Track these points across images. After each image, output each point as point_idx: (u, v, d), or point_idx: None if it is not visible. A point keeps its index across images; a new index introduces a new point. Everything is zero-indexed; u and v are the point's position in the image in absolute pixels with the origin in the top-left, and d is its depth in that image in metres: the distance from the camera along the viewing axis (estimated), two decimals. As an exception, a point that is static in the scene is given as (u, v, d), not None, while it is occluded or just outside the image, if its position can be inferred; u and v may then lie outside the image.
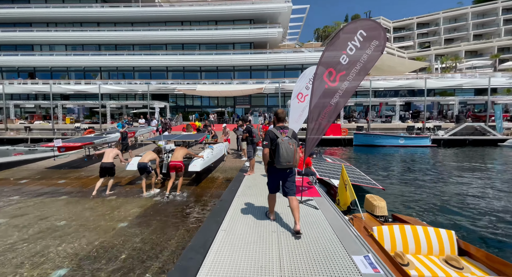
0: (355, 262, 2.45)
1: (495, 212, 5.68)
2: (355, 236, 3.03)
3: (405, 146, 20.23)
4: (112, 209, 4.64)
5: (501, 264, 2.57)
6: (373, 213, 4.12)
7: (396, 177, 9.44)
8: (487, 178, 9.02)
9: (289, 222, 3.44)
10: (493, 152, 16.41)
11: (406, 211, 5.91)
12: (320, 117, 4.65)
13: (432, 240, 3.07)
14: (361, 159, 14.37)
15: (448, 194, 7.06)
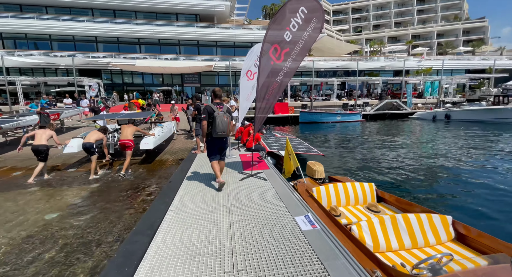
0: (297, 222, 2.72)
1: (405, 166, 7.05)
2: (298, 200, 3.35)
3: (341, 121, 22.68)
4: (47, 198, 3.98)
5: (407, 204, 3.27)
6: (313, 176, 4.61)
7: (333, 147, 10.65)
8: (401, 142, 11.02)
9: (239, 196, 3.55)
10: (405, 123, 19.94)
11: (340, 172, 6.84)
12: (267, 94, 4.73)
13: (358, 193, 3.67)
14: (306, 135, 15.57)
15: (372, 157, 8.39)
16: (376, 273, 1.90)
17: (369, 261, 2.10)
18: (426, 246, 2.55)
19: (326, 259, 2.05)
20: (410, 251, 2.50)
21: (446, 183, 5.78)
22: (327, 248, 2.20)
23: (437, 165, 7.23)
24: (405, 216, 2.64)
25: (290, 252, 2.16)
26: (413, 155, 8.77)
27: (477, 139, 11.63)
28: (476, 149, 9.29)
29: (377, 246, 2.49)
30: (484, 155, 8.29)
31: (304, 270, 1.92)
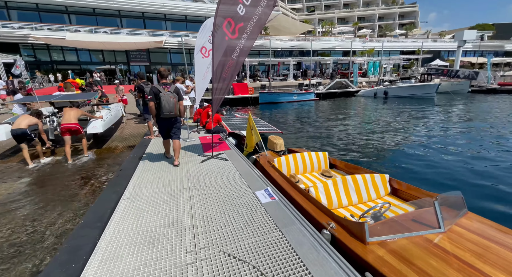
0: (257, 196, 2.81)
1: (352, 137, 7.84)
2: (258, 176, 3.44)
3: (298, 100, 23.59)
4: None
5: (354, 168, 3.69)
6: (274, 149, 4.82)
7: (291, 124, 11.14)
8: (348, 118, 12.11)
9: (200, 178, 3.47)
10: (352, 100, 21.84)
11: (298, 145, 7.26)
12: (224, 73, 4.53)
13: (314, 161, 4.00)
14: (266, 115, 15.82)
15: (325, 131, 9.09)
16: (331, 225, 2.17)
17: (325, 216, 2.35)
18: (369, 200, 2.97)
19: (283, 226, 2.20)
20: (357, 206, 2.89)
21: (384, 149, 6.67)
22: (285, 216, 2.35)
23: (378, 135, 8.24)
24: (353, 177, 3.01)
25: (251, 224, 2.23)
26: (358, 127, 9.78)
27: (407, 111, 13.53)
28: (406, 119, 10.84)
29: (330, 204, 2.81)
30: (412, 124, 9.75)
31: (264, 238, 2.03)
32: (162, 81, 3.82)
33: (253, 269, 1.69)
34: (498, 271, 1.52)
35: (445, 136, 7.66)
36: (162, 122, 3.88)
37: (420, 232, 1.96)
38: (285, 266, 1.71)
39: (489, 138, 7.29)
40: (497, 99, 17.69)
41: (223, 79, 4.51)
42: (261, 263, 1.74)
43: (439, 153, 6.09)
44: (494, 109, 13.06)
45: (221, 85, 4.52)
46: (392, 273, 1.60)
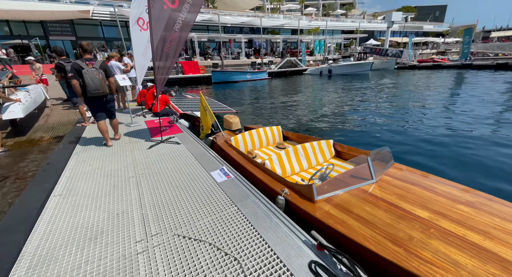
0: (212, 176, 2.76)
1: (303, 112, 8.29)
2: (213, 157, 3.36)
3: (251, 80, 23.39)
4: None
5: (304, 138, 3.94)
6: (231, 128, 4.76)
7: (246, 104, 11.09)
8: (299, 94, 12.67)
9: (148, 165, 3.20)
10: (300, 78, 22.78)
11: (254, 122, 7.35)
12: (166, 47, 4.07)
13: (269, 135, 4.13)
14: (221, 94, 15.28)
15: (278, 108, 9.36)
16: (285, 191, 2.30)
17: (279, 184, 2.49)
18: (317, 164, 3.25)
19: (239, 200, 2.23)
20: (307, 171, 3.13)
21: (330, 119, 7.28)
22: (240, 192, 2.38)
23: (325, 108, 8.90)
24: (302, 145, 3.22)
25: (206, 204, 2.20)
26: (308, 103, 10.37)
27: (348, 86, 14.87)
28: (347, 94, 11.93)
29: (284, 172, 2.98)
30: (352, 98, 10.80)
31: (220, 215, 2.02)
32: (85, 57, 3.45)
33: (209, 246, 1.68)
34: (415, 206, 1.87)
35: (378, 107, 8.75)
36: (91, 102, 3.57)
37: (357, 185, 2.25)
38: (240, 237, 1.75)
39: (411, 106, 8.64)
40: (417, 74, 20.83)
41: (165, 56, 4.07)
42: (217, 239, 1.74)
43: (373, 119, 6.97)
44: (414, 83, 15.38)
45: (164, 64, 4.08)
46: (336, 223, 1.81)
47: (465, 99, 9.36)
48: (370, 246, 1.56)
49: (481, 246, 1.44)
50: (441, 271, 1.32)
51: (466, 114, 7.02)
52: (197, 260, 1.55)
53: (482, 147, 4.65)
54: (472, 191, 2.02)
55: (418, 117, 7.08)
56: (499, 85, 12.67)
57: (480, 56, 28.27)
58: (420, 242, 1.52)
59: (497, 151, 4.46)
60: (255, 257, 1.56)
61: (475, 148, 4.63)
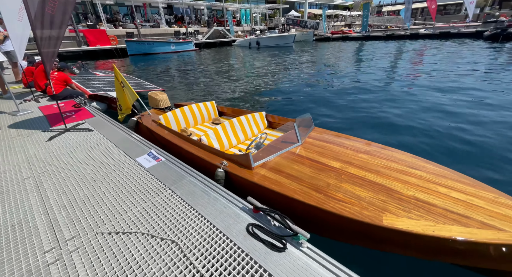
0: (139, 163, 2.47)
1: (237, 85, 8.17)
2: (139, 140, 2.97)
3: (176, 51, 21.03)
4: None
5: (240, 112, 3.94)
6: (159, 107, 4.26)
7: (174, 79, 10.05)
8: (230, 67, 12.29)
9: (50, 161, 2.57)
10: (230, 50, 22.00)
11: (184, 99, 6.82)
12: (48, 8, 3.05)
13: (203, 112, 3.93)
14: (140, 69, 13.21)
15: (211, 83, 8.90)
16: (223, 163, 2.31)
17: (218, 157, 2.46)
18: (253, 136, 3.36)
19: (173, 183, 2.10)
20: (244, 143, 3.21)
21: (263, 92, 7.48)
22: (174, 174, 2.23)
23: (257, 81, 9.02)
24: (238, 119, 3.23)
25: (135, 194, 1.97)
26: (240, 76, 10.24)
27: (276, 58, 15.38)
28: (276, 66, 12.38)
29: (222, 146, 2.97)
30: (281, 69, 11.30)
31: (152, 202, 1.86)
32: None
33: (142, 235, 1.55)
34: (330, 159, 2.23)
35: (301, 78, 9.49)
36: None
37: (287, 149, 2.49)
38: (177, 219, 1.68)
39: (328, 73, 9.73)
40: (331, 45, 23.25)
41: (50, 21, 3.09)
42: (151, 227, 1.62)
43: (299, 89, 7.56)
44: (331, 52, 17.21)
45: (50, 32, 3.11)
46: (271, 183, 1.99)
47: (368, 68, 11.18)
48: (298, 197, 1.80)
49: (374, 182, 1.86)
50: (349, 205, 1.66)
51: (367, 82, 8.46)
52: (129, 254, 1.42)
53: (373, 105, 5.78)
54: (371, 143, 2.52)
55: (336, 86, 8.10)
56: (385, 52, 15.63)
57: (375, 28, 33.66)
58: (335, 187, 1.85)
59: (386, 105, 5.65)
60: (194, 234, 1.55)
61: (368, 107, 5.72)
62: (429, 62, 10.96)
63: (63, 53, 17.32)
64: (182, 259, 1.37)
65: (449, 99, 5.77)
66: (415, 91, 6.66)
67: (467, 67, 9.33)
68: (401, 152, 2.31)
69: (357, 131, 4.40)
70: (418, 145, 3.78)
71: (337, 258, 1.35)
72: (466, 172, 2.04)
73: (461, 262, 1.43)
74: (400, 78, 8.40)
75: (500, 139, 3.82)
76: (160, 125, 3.37)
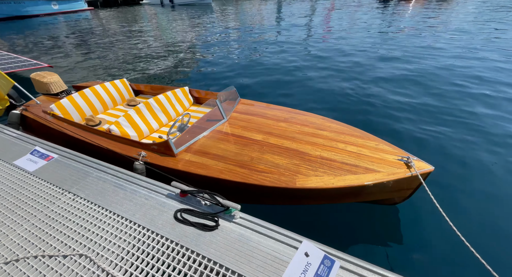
0: (20, 167, 1.82)
1: (154, 54, 6.91)
2: (17, 136, 2.18)
3: (60, 11, 15.88)
4: None
5: (160, 89, 3.31)
6: (50, 92, 3.17)
7: (65, 52, 7.67)
8: (143, 32, 10.17)
9: None
10: (140, 9, 18.08)
11: (86, 78, 5.39)
12: None
13: (113, 93, 3.14)
14: (12, 40, 9.44)
15: (120, 53, 7.20)
16: (141, 154, 1.96)
17: (133, 148, 2.07)
18: (178, 116, 2.92)
19: (74, 184, 1.65)
20: (168, 125, 2.77)
21: (185, 61, 6.59)
22: (74, 172, 1.75)
23: (177, 48, 7.83)
24: (156, 98, 2.70)
25: (18, 209, 1.46)
26: (158, 42, 8.66)
27: (195, 18, 13.58)
28: (198, 27, 10.98)
29: (141, 134, 2.48)
30: (203, 31, 10.10)
31: (47, 213, 1.42)
32: None
33: (35, 259, 1.18)
34: (254, 133, 2.17)
35: (226, 41, 8.78)
36: None
37: (212, 127, 2.27)
38: (84, 227, 1.35)
39: (253, 33, 9.31)
40: (252, 3, 21.98)
41: None
42: (47, 246, 1.24)
43: (223, 55, 7.03)
44: (252, 11, 16.34)
45: None
46: (198, 168, 1.82)
47: (289, 27, 11.22)
48: (225, 177, 1.73)
49: (290, 148, 1.95)
50: (269, 174, 1.72)
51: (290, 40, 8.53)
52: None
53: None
54: (291, 110, 2.53)
55: (262, 49, 7.86)
56: (302, 11, 16.00)
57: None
58: (257, 159, 1.86)
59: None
60: (110, 238, 1.28)
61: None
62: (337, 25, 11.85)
63: None
64: (96, 273, 1.12)
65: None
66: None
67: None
68: (313, 115, 2.43)
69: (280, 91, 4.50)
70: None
71: (268, 219, 1.37)
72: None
73: (357, 200, 1.82)
74: (313, 39, 8.84)
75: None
76: (54, 117, 2.54)
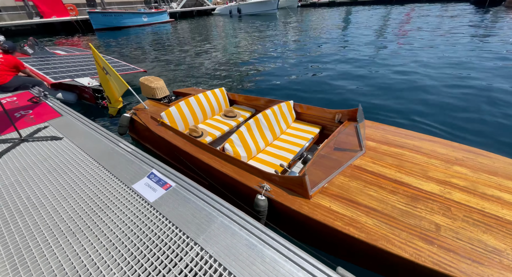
0: (139, 193, 1.66)
1: (232, 63, 6.98)
2: (129, 152, 2.10)
3: (149, 23, 18.23)
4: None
5: (255, 100, 3.04)
6: (155, 97, 3.23)
7: (152, 57, 8.49)
8: (215, 40, 10.67)
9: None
10: (210, 20, 19.46)
11: (177, 84, 5.64)
12: None
13: (212, 102, 3.00)
14: (109, 46, 11.13)
15: (198, 60, 7.55)
16: (264, 187, 1.56)
17: (254, 177, 1.68)
18: (282, 133, 2.55)
19: (200, 231, 1.35)
20: (274, 145, 2.40)
21: (264, 70, 6.39)
22: (196, 213, 1.47)
23: (252, 57, 7.78)
24: (263, 113, 2.38)
25: (140, 247, 1.22)
26: (226, 51, 8.87)
27: (261, 28, 13.69)
28: (265, 38, 10.95)
29: (250, 154, 2.16)
30: (271, 41, 9.96)
31: (175, 263, 1.13)
32: None
33: None
34: (418, 178, 1.53)
35: (296, 48, 8.39)
36: None
37: (349, 162, 1.72)
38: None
39: (329, 48, 8.68)
40: (318, 12, 21.30)
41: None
42: None
43: (303, 64, 6.60)
44: (317, 21, 15.70)
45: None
46: (347, 224, 1.29)
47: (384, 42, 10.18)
48: (402, 253, 1.13)
49: (504, 218, 1.24)
50: (488, 270, 1.03)
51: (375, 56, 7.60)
52: None
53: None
54: (447, 142, 1.83)
55: (326, 60, 7.17)
56: (379, 18, 14.51)
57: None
58: (450, 231, 1.20)
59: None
60: None
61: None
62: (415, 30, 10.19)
63: (11, 27, 14.16)
64: None
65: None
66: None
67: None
68: (488, 153, 1.69)
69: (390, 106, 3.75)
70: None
71: None
72: None
73: None
74: (388, 49, 7.63)
75: None
76: (163, 125, 2.46)
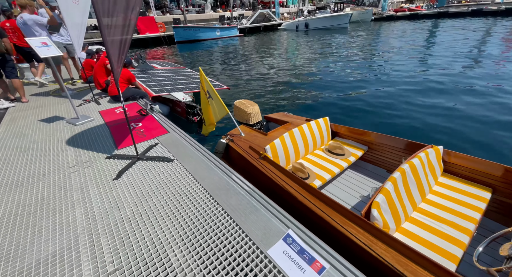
0: (278, 266, 1.19)
1: (298, 80, 6.52)
2: (247, 190, 1.71)
3: (221, 37, 19.69)
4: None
5: (361, 134, 2.43)
6: (248, 122, 2.88)
7: (229, 71, 8.74)
8: (281, 56, 10.51)
9: (116, 229, 1.45)
10: (276, 35, 19.79)
11: (264, 106, 5.22)
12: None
13: (316, 134, 2.45)
14: (187, 57, 12.25)
15: (269, 76, 7.35)
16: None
17: (425, 273, 1.06)
18: (430, 192, 1.82)
19: None
20: (424, 211, 1.67)
21: (314, 89, 5.68)
22: None
23: (304, 72, 7.17)
24: (410, 163, 1.67)
25: None
26: (293, 66, 8.47)
27: (332, 43, 12.94)
28: (334, 53, 10.17)
29: (398, 223, 1.52)
30: (336, 57, 9.14)
31: None
32: None
33: None
34: None
35: (368, 67, 7.34)
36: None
37: None
38: None
39: (412, 62, 7.38)
40: (397, 25, 19.23)
41: (116, 8, 1.92)
42: None
43: (369, 85, 5.61)
44: (399, 36, 13.99)
45: (115, 19, 1.95)
46: None
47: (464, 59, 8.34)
48: None
49: None
50: None
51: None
52: None
53: None
54: None
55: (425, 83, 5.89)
56: (477, 33, 11.95)
57: (453, 3, 27.38)
58: None
59: None
60: None
61: None
62: None
63: (118, 42, 17.28)
64: None
65: None
66: None
67: None
68: None
69: None
70: None
71: None
72: None
73: None
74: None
75: None
76: (265, 159, 2.05)
